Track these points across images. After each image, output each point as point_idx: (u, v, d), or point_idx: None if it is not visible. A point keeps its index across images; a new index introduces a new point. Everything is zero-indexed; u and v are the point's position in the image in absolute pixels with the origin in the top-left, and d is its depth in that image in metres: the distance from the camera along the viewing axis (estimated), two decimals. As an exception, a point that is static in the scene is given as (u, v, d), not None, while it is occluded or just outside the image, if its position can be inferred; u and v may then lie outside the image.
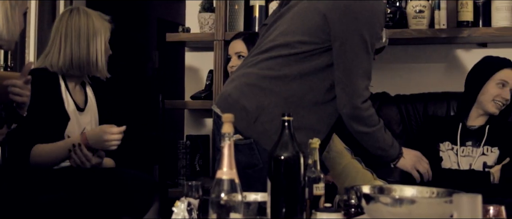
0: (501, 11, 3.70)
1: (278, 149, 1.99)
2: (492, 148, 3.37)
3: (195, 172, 4.04)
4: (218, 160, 2.17)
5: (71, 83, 3.21)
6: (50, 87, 3.11)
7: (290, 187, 1.97)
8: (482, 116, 3.45)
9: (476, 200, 1.66)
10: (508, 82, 3.38)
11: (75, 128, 3.12)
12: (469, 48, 3.97)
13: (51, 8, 4.46)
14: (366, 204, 2.05)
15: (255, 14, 4.02)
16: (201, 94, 4.12)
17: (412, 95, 3.73)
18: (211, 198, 1.74)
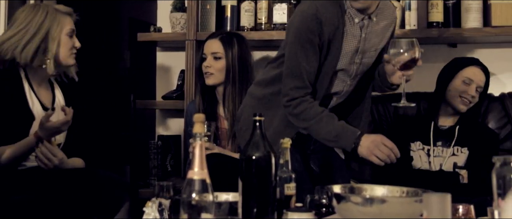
0: (470, 12, 3.73)
1: (249, 148, 1.99)
2: (462, 148, 3.40)
3: (167, 172, 4.02)
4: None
5: (35, 82, 3.16)
6: (13, 87, 3.06)
7: (261, 187, 1.97)
8: (452, 115, 3.48)
9: (446, 199, 1.68)
10: (473, 80, 3.42)
11: None
12: (440, 48, 4.00)
13: (21, 4, 4.42)
14: (337, 203, 2.06)
15: (227, 14, 4.02)
16: (173, 94, 4.10)
17: (383, 95, 3.75)
18: (182, 198, 1.74)
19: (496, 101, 3.72)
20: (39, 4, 3.20)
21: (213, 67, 3.43)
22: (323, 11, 2.86)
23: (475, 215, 2.15)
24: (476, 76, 3.43)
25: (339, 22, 2.87)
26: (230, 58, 3.41)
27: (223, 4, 4.05)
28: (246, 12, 3.99)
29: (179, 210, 1.75)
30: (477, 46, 3.94)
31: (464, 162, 3.38)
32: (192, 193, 1.72)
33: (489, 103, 3.70)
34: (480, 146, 3.39)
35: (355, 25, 2.90)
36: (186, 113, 3.67)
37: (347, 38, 2.91)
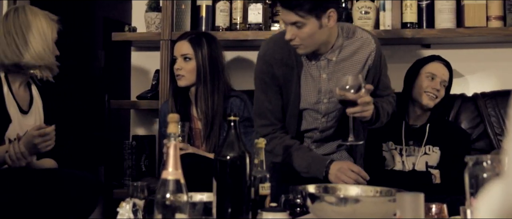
0: (444, 13, 3.76)
1: (223, 149, 1.99)
2: (434, 147, 3.43)
3: (141, 172, 4.01)
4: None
5: (15, 84, 3.14)
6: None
7: (236, 187, 1.97)
8: (422, 114, 3.51)
9: (419, 198, 1.69)
10: (436, 75, 3.46)
11: (16, 131, 3.04)
12: (413, 49, 4.03)
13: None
14: (311, 203, 2.07)
15: (202, 14, 4.01)
16: (147, 94, 4.09)
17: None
18: (157, 199, 1.74)
19: (469, 101, 3.75)
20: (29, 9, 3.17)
21: (183, 69, 3.41)
22: (272, 53, 3.02)
23: (448, 214, 2.17)
24: (439, 71, 3.47)
25: (293, 63, 2.99)
26: (200, 59, 3.39)
27: (198, 4, 4.04)
28: (221, 12, 3.98)
29: (153, 211, 1.74)
30: (451, 46, 3.97)
31: (436, 162, 3.41)
32: (166, 193, 1.72)
33: (462, 104, 3.73)
34: (451, 145, 3.42)
35: (312, 66, 2.97)
36: (160, 114, 3.66)
37: (306, 78, 3.01)
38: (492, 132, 3.65)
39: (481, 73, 3.99)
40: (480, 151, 3.60)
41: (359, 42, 3.04)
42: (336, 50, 2.99)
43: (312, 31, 2.82)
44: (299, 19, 2.79)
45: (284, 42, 2.92)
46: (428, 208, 2.12)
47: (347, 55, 3.01)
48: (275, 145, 3.03)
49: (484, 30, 3.72)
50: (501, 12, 3.73)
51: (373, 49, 3.06)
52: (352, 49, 3.02)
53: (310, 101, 3.04)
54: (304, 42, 2.86)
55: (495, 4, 3.74)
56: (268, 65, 3.03)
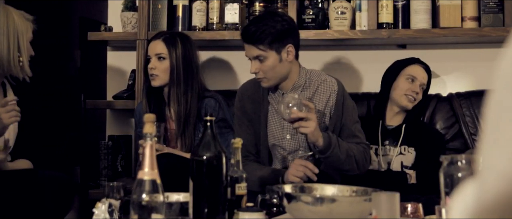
0: (419, 13, 3.79)
1: (200, 149, 1.99)
2: (409, 148, 3.45)
3: (117, 172, 3.99)
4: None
5: None
6: None
7: (212, 187, 1.97)
8: (398, 114, 3.53)
9: (394, 198, 1.70)
10: (416, 77, 3.49)
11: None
12: (389, 49, 4.05)
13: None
14: (287, 203, 2.07)
15: (179, 14, 4.01)
16: (124, 94, 4.07)
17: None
18: (133, 199, 1.73)
19: (444, 101, 3.78)
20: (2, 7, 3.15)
21: (157, 68, 3.39)
22: (245, 89, 3.33)
23: (423, 214, 2.18)
24: (419, 74, 3.50)
25: (262, 99, 3.23)
26: (174, 58, 3.37)
27: (175, 3, 4.03)
28: (197, 12, 3.98)
29: (129, 211, 1.74)
30: (426, 47, 4.00)
31: (411, 162, 3.43)
32: (142, 194, 1.71)
33: (437, 104, 3.75)
34: (426, 146, 3.44)
35: (277, 103, 3.07)
36: (135, 114, 3.64)
37: (272, 115, 3.18)
38: (467, 132, 3.68)
39: (456, 73, 4.02)
40: (455, 150, 3.62)
41: (322, 84, 3.21)
42: (298, 89, 3.16)
43: (273, 64, 3.06)
44: (260, 52, 3.05)
45: (258, 83, 3.19)
46: (403, 207, 2.14)
47: (309, 94, 3.17)
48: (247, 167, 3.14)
49: (459, 30, 3.75)
50: (475, 13, 3.76)
51: (335, 91, 3.19)
52: (314, 89, 3.19)
53: (276, 136, 3.21)
54: (266, 75, 3.09)
55: (470, 5, 3.77)
56: (240, 100, 3.32)
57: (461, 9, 3.77)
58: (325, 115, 3.17)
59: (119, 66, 4.35)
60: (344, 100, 3.20)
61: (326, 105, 3.17)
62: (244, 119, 3.29)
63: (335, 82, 3.22)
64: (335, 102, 3.17)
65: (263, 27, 3.04)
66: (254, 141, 3.26)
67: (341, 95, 3.19)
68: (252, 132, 3.25)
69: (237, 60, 4.20)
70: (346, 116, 3.19)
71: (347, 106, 3.20)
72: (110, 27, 4.15)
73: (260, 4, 3.95)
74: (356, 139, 3.17)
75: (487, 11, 3.75)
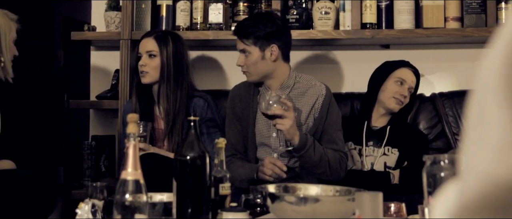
0: (402, 14, 3.80)
1: (183, 149, 1.99)
2: (393, 149, 3.46)
3: (101, 173, 3.98)
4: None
5: None
6: None
7: (196, 187, 1.97)
8: (384, 115, 3.54)
9: (377, 197, 1.71)
10: (405, 81, 3.49)
11: None
12: (373, 49, 4.06)
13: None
14: (271, 203, 2.07)
15: (162, 14, 4.00)
16: (107, 94, 4.06)
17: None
18: (116, 199, 1.73)
19: (427, 101, 3.79)
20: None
21: (148, 65, 3.40)
22: (236, 90, 3.46)
23: (406, 213, 2.19)
24: (408, 77, 3.51)
25: (251, 99, 3.34)
26: (165, 56, 3.38)
27: (159, 3, 4.02)
28: (181, 12, 3.97)
29: (113, 211, 1.73)
30: (409, 47, 4.02)
31: (394, 163, 3.43)
32: (125, 194, 1.71)
33: (421, 104, 3.77)
34: (410, 147, 3.44)
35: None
36: (124, 113, 3.63)
37: (261, 114, 3.22)
38: (450, 132, 3.70)
39: (439, 73, 4.04)
40: (438, 150, 3.64)
41: (311, 87, 3.32)
42: (286, 89, 3.28)
43: (256, 60, 3.23)
44: (245, 47, 3.23)
45: (249, 84, 3.37)
46: (387, 207, 2.15)
47: (297, 95, 3.29)
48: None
49: (442, 31, 3.76)
50: (458, 13, 3.78)
51: (323, 95, 3.29)
52: (302, 91, 3.30)
53: (263, 134, 3.31)
54: (249, 70, 3.26)
55: (453, 5, 3.79)
56: (231, 100, 3.44)
57: (444, 10, 3.79)
58: (310, 116, 3.26)
59: (103, 66, 4.34)
60: (330, 106, 3.29)
61: (312, 108, 3.26)
62: (233, 119, 3.40)
63: (324, 87, 3.32)
64: (321, 106, 3.27)
65: (253, 24, 3.22)
66: (242, 139, 3.36)
67: (328, 101, 3.29)
68: (241, 131, 3.37)
69: (222, 60, 4.20)
70: (329, 121, 3.27)
71: (331, 112, 3.29)
72: (93, 27, 4.14)
73: (244, 4, 3.95)
74: (335, 145, 3.25)
75: (470, 11, 3.77)
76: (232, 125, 3.41)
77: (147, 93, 3.49)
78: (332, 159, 3.17)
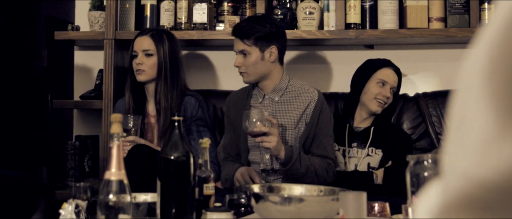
0: (386, 14, 3.81)
1: (167, 149, 1.99)
2: (377, 149, 3.46)
3: (84, 173, 3.96)
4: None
5: None
6: None
7: (180, 187, 1.96)
8: (367, 117, 3.55)
9: (361, 197, 1.71)
10: (387, 82, 3.50)
11: None
12: (357, 49, 4.07)
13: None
14: (255, 203, 2.08)
15: (147, 13, 3.99)
16: (91, 94, 4.04)
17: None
18: (100, 199, 1.72)
19: (411, 101, 3.81)
20: None
21: (145, 64, 3.42)
22: (231, 97, 3.51)
23: (390, 213, 2.20)
24: (390, 78, 3.51)
25: (244, 105, 3.37)
26: (161, 54, 3.41)
27: (143, 3, 4.02)
28: (166, 12, 3.97)
29: (96, 212, 1.73)
30: (393, 47, 4.03)
31: (377, 164, 3.44)
32: (109, 194, 1.70)
33: (404, 104, 3.78)
34: (393, 148, 3.45)
35: (259, 104, 3.31)
36: (116, 111, 3.63)
37: None
38: (433, 131, 3.71)
39: (422, 73, 4.06)
40: (422, 150, 3.65)
41: (304, 92, 3.35)
42: (279, 92, 3.32)
43: (255, 60, 3.24)
44: (245, 47, 3.24)
45: (244, 89, 3.45)
46: (371, 206, 2.15)
47: (289, 98, 3.32)
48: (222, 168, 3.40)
49: (425, 31, 3.78)
50: (442, 14, 3.80)
51: (315, 100, 3.32)
52: (295, 95, 3.33)
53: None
54: (247, 70, 3.27)
55: (436, 6, 3.80)
56: (227, 107, 3.51)
57: (428, 10, 3.81)
58: (301, 121, 3.28)
59: (87, 66, 4.32)
60: (322, 112, 3.31)
61: (304, 112, 3.29)
62: (228, 124, 3.48)
63: (316, 93, 3.35)
64: (313, 111, 3.29)
65: (253, 25, 3.25)
66: (235, 144, 3.41)
67: (320, 106, 3.31)
68: (234, 136, 3.41)
69: (207, 60, 4.20)
70: (320, 126, 3.29)
71: (323, 118, 3.31)
72: (77, 26, 4.12)
73: (228, 4, 3.95)
74: (324, 151, 3.27)
75: (453, 12, 3.79)
76: (227, 130, 3.48)
77: (140, 91, 3.50)
78: (318, 168, 3.19)
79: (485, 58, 0.69)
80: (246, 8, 3.95)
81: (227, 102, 3.51)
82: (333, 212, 1.98)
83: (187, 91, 3.47)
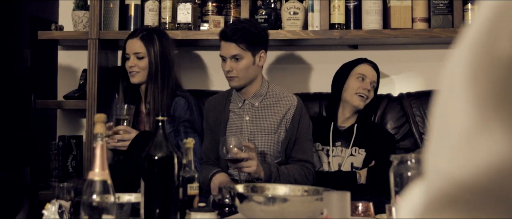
0: (370, 14, 3.82)
1: (151, 149, 1.98)
2: (360, 149, 3.47)
3: (68, 173, 3.95)
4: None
5: None
6: None
7: (164, 187, 1.96)
8: (351, 115, 3.55)
9: (345, 197, 1.72)
10: (366, 75, 3.52)
11: None
12: (341, 49, 4.08)
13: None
14: (239, 203, 2.07)
15: (131, 13, 3.98)
16: (75, 94, 4.03)
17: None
18: (83, 200, 1.71)
19: (395, 101, 3.82)
20: None
21: (137, 66, 3.43)
22: (209, 102, 3.48)
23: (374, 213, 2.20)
24: (369, 72, 3.54)
25: (223, 109, 3.38)
26: (152, 56, 3.40)
27: (127, 3, 4.00)
28: (150, 12, 3.96)
29: (80, 212, 1.72)
30: (377, 47, 4.04)
31: (360, 163, 3.45)
32: (93, 194, 1.70)
33: (388, 103, 3.79)
34: (377, 148, 3.46)
35: (239, 110, 3.34)
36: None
37: (232, 122, 3.35)
38: (417, 131, 3.72)
39: (406, 73, 4.07)
40: (406, 150, 3.67)
41: (283, 97, 3.38)
42: (259, 97, 3.34)
43: (247, 65, 3.24)
44: (239, 51, 3.22)
45: (223, 93, 3.46)
46: (354, 206, 2.16)
47: (269, 104, 3.35)
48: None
49: (409, 31, 3.79)
50: (426, 14, 3.82)
51: (294, 105, 3.35)
52: (274, 100, 3.36)
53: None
54: (239, 75, 3.25)
55: (420, 6, 3.82)
56: (206, 112, 3.48)
57: (412, 11, 3.82)
58: (281, 126, 3.31)
59: (70, 66, 4.30)
60: (301, 117, 3.34)
61: (284, 117, 3.32)
62: (207, 129, 3.45)
63: (295, 99, 3.39)
64: (293, 116, 3.32)
65: (247, 28, 3.24)
66: (214, 148, 3.34)
67: (299, 111, 3.34)
68: (213, 141, 3.36)
69: (191, 59, 4.19)
70: (301, 131, 3.32)
71: (303, 123, 3.34)
72: (61, 26, 4.10)
73: (212, 4, 3.94)
74: (304, 155, 3.31)
75: (437, 12, 3.81)
76: (206, 134, 3.45)
77: (134, 92, 3.50)
78: (298, 177, 3.22)
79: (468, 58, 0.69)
80: (230, 8, 3.95)
81: (206, 108, 3.50)
82: (317, 212, 1.99)
83: (179, 91, 3.47)
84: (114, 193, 1.73)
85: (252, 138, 3.27)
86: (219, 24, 3.83)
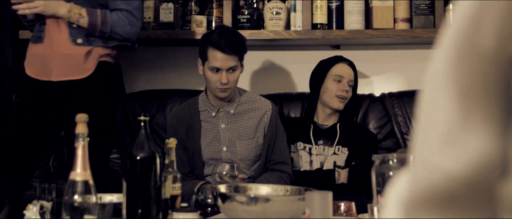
0: (353, 14, 3.83)
1: (134, 149, 1.98)
2: (343, 148, 3.47)
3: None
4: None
5: None
6: None
7: (146, 187, 1.95)
8: (331, 113, 3.55)
9: (327, 197, 1.72)
10: (343, 76, 3.52)
11: None
12: (324, 49, 4.08)
13: None
14: (222, 203, 2.07)
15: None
16: (56, 94, 4.00)
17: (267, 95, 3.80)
18: (64, 200, 1.71)
19: (377, 101, 3.83)
20: None
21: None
22: (175, 117, 3.41)
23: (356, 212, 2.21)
24: (345, 72, 3.53)
25: (192, 120, 3.34)
26: None
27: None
28: (132, 11, 3.94)
29: (61, 212, 1.71)
30: (359, 47, 4.05)
31: (343, 162, 3.45)
32: (74, 195, 1.69)
33: (370, 103, 3.80)
34: (359, 147, 3.46)
35: (213, 118, 3.31)
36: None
37: (207, 132, 3.32)
38: (399, 131, 3.74)
39: (388, 73, 4.09)
40: (388, 149, 3.68)
41: (257, 101, 3.40)
42: (233, 104, 3.34)
43: (238, 75, 3.25)
44: (236, 63, 3.21)
45: (188, 104, 3.41)
46: (337, 206, 2.16)
47: (244, 110, 3.36)
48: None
49: (391, 32, 3.81)
50: (407, 15, 3.83)
51: (269, 110, 3.37)
52: (249, 107, 3.36)
53: (213, 150, 3.31)
54: (232, 86, 3.24)
55: (402, 6, 3.83)
56: (173, 127, 3.37)
57: (394, 11, 3.84)
58: (258, 131, 3.32)
59: (52, 66, 4.27)
60: (278, 122, 3.37)
61: (261, 121, 3.33)
62: (178, 144, 3.33)
63: (269, 103, 3.41)
64: (270, 120, 3.34)
65: (239, 38, 3.26)
66: (186, 162, 3.31)
67: (275, 116, 3.37)
68: (185, 154, 3.31)
69: (173, 59, 4.18)
70: (279, 136, 3.36)
71: (280, 128, 3.38)
72: (42, 25, 4.07)
73: (194, 4, 3.94)
74: (282, 156, 3.34)
75: (419, 12, 3.83)
76: (177, 150, 3.38)
77: None
78: None
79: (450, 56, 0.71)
80: (213, 8, 3.94)
81: (172, 123, 3.41)
82: (300, 211, 1.99)
83: None
84: (96, 193, 1.72)
85: (230, 145, 3.27)
86: (202, 24, 3.83)
